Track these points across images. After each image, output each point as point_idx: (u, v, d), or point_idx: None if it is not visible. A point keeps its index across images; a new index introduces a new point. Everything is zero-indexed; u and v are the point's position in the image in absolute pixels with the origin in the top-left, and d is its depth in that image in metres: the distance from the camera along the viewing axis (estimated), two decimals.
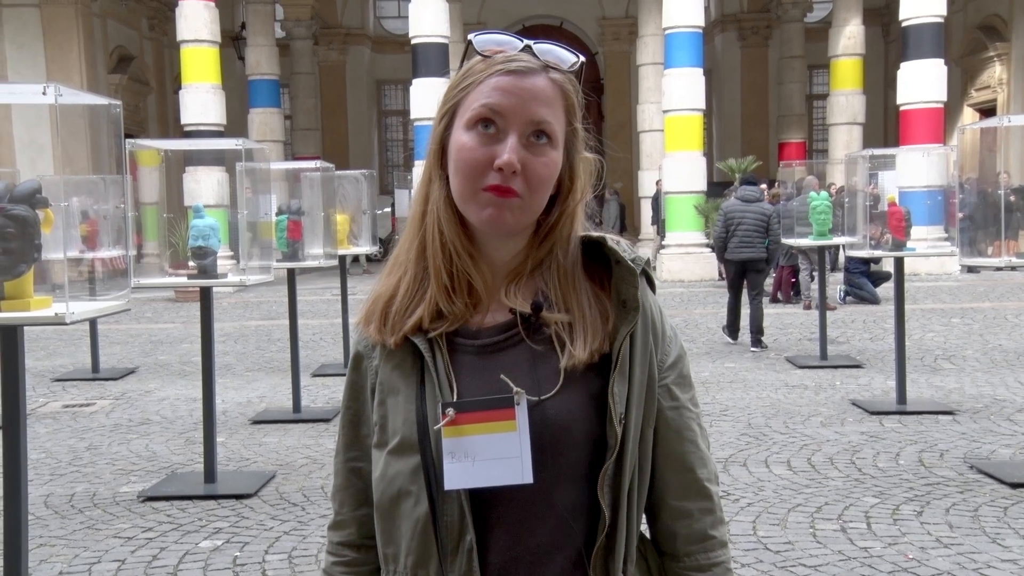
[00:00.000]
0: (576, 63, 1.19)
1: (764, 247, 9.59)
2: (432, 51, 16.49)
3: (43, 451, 6.14)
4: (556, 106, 1.17)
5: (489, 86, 1.15)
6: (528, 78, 1.15)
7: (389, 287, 1.24)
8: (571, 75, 1.20)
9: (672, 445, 1.23)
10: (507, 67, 1.15)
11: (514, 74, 1.15)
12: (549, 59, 1.18)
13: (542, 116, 1.15)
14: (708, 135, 23.22)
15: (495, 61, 1.16)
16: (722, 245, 9.77)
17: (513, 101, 1.14)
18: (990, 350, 9.10)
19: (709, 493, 1.24)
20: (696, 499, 1.23)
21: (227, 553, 4.24)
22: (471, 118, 1.15)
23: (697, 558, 1.23)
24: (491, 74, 1.16)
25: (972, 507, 4.61)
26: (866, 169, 8.95)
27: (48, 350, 10.53)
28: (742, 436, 6.07)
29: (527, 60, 1.17)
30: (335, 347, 10.06)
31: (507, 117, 1.14)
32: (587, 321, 1.18)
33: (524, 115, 1.14)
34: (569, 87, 1.19)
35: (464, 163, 1.15)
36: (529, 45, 1.18)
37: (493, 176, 1.13)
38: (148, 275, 5.97)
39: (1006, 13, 19.94)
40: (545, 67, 1.17)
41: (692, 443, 1.24)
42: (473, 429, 1.12)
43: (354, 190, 9.90)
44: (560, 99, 1.18)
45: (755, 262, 9.60)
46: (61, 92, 3.30)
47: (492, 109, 1.14)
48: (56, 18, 18.40)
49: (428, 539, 1.16)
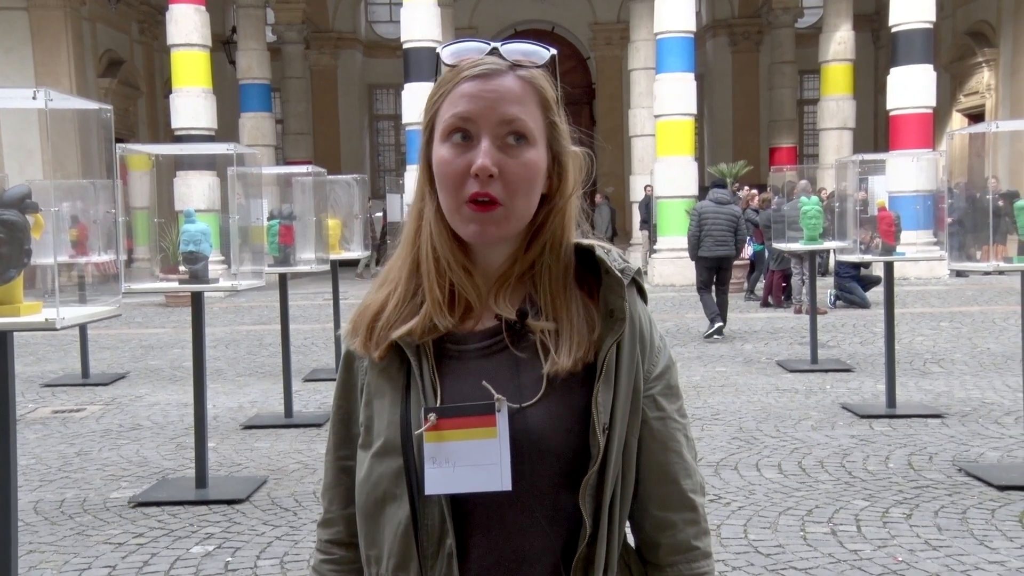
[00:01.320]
0: (547, 56, 1.18)
1: (734, 246, 10.42)
2: (424, 56, 16.50)
3: (33, 457, 6.12)
4: (528, 103, 1.15)
5: (457, 94, 1.14)
6: (493, 80, 1.14)
7: (378, 301, 1.23)
8: (543, 70, 1.18)
9: (657, 456, 1.22)
10: (472, 72, 1.14)
11: (479, 78, 1.14)
12: (516, 57, 1.16)
13: (513, 115, 1.13)
14: (699, 140, 23.28)
15: (461, 68, 1.15)
16: (695, 243, 10.42)
17: (481, 105, 1.13)
18: (978, 354, 9.15)
19: (693, 504, 1.23)
20: (680, 510, 1.23)
21: (219, 559, 4.23)
22: (444, 130, 1.15)
23: (680, 568, 1.22)
24: (458, 82, 1.15)
25: (960, 509, 4.63)
26: (856, 174, 8.99)
27: (38, 355, 10.49)
28: (733, 440, 6.09)
29: (492, 62, 1.15)
30: (327, 352, 10.05)
31: (478, 122, 1.13)
32: (574, 329, 1.17)
33: (494, 117, 1.13)
34: (542, 82, 1.17)
35: (444, 177, 1.15)
36: (496, 47, 1.17)
37: (472, 184, 1.13)
38: (139, 280, 5.95)
39: (994, 19, 20.07)
40: (512, 66, 1.16)
41: (677, 454, 1.23)
42: (454, 435, 1.12)
43: (346, 195, 9.90)
44: (532, 95, 1.16)
45: (727, 259, 10.42)
46: (51, 96, 3.29)
47: (461, 117, 1.13)
48: (45, 21, 18.34)
49: (409, 542, 1.16)
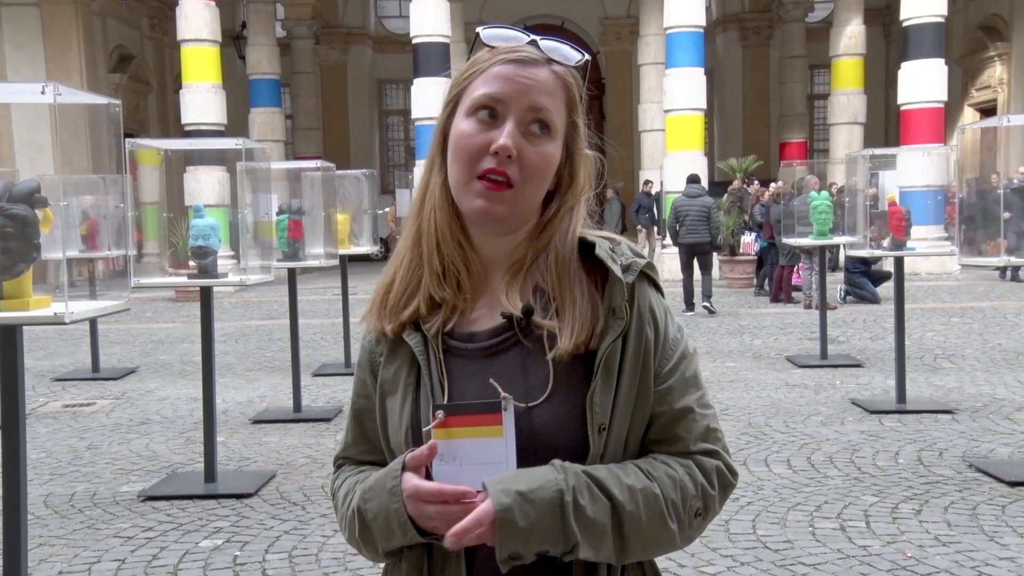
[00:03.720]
0: (581, 59, 1.20)
1: (708, 233, 11.99)
2: (433, 51, 16.50)
3: (43, 451, 6.15)
4: (557, 98, 1.17)
5: (492, 74, 1.16)
6: (530, 68, 1.16)
7: (389, 275, 1.26)
8: (574, 70, 1.19)
9: (676, 449, 1.20)
10: (510, 56, 1.16)
11: (517, 63, 1.16)
12: (553, 55, 1.18)
13: (542, 104, 1.15)
14: (709, 135, 23.21)
15: (500, 51, 1.17)
16: (674, 233, 12.24)
17: (514, 88, 1.14)
18: (989, 349, 9.10)
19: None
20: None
21: (227, 552, 4.24)
22: (472, 105, 1.16)
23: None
24: (494, 63, 1.16)
25: (970, 505, 4.61)
26: (867, 169, 8.95)
27: (48, 350, 10.53)
28: (742, 435, 6.07)
29: (531, 51, 1.17)
30: (336, 347, 10.07)
31: (507, 104, 1.14)
32: (576, 311, 1.17)
33: (524, 102, 1.14)
34: (571, 81, 1.19)
35: (462, 149, 1.15)
36: (535, 40, 1.18)
37: (489, 160, 1.14)
38: (148, 275, 5.97)
39: (1006, 13, 19.94)
40: (549, 60, 1.17)
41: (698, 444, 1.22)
42: (462, 433, 1.12)
43: (355, 190, 9.91)
44: (562, 92, 1.18)
45: (701, 245, 12.02)
46: (60, 91, 3.30)
47: (492, 97, 1.15)
48: (56, 17, 18.40)
49: (419, 542, 1.17)
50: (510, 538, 1.07)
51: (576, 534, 1.08)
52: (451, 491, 1.09)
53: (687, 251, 12.12)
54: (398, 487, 1.12)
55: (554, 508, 1.07)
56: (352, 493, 1.23)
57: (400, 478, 1.13)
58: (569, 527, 1.08)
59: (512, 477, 1.09)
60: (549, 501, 1.07)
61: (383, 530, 1.15)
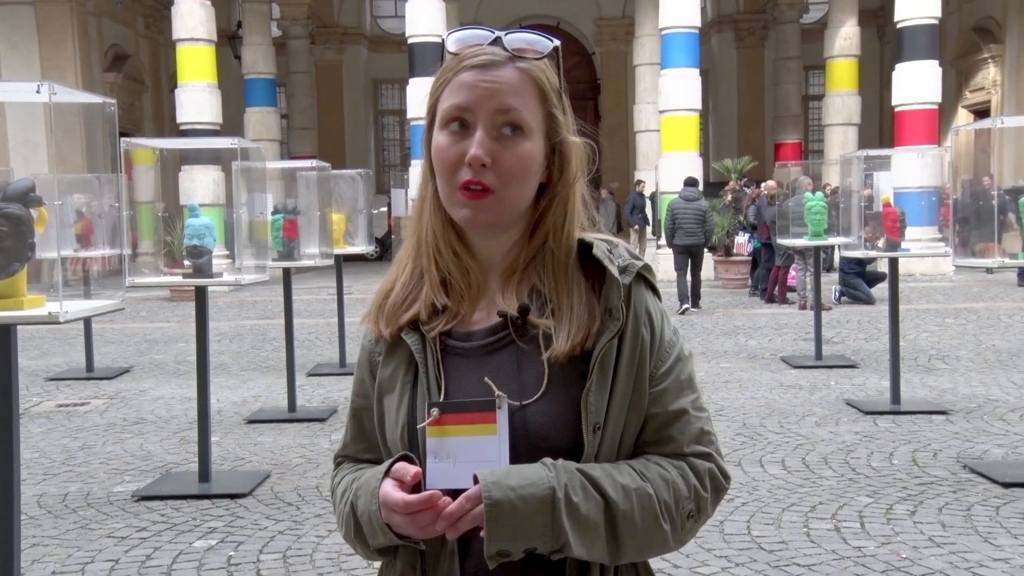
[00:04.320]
0: (548, 47, 1.18)
1: (703, 235, 12.49)
2: (429, 50, 16.48)
3: (36, 450, 6.13)
4: (526, 94, 1.16)
5: (457, 83, 1.16)
6: (492, 71, 1.15)
7: (389, 282, 1.27)
8: (546, 60, 1.18)
9: (670, 449, 1.21)
10: (472, 61, 1.15)
11: (479, 68, 1.15)
12: (519, 46, 1.17)
13: (509, 105, 1.14)
14: (704, 135, 23.22)
15: (463, 57, 1.16)
16: (670, 235, 12.66)
17: (478, 94, 1.14)
18: (983, 350, 9.12)
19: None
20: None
21: (221, 553, 4.23)
22: (443, 118, 1.16)
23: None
24: (458, 71, 1.16)
25: (965, 506, 4.62)
26: (861, 170, 8.95)
27: (42, 349, 10.51)
28: (737, 436, 6.08)
29: (493, 52, 1.16)
30: (331, 347, 10.05)
31: (475, 111, 1.14)
32: (574, 313, 1.17)
33: (490, 107, 1.14)
34: (540, 74, 1.18)
35: (440, 164, 1.16)
36: (499, 36, 1.18)
37: (465, 172, 1.14)
38: (143, 274, 5.96)
39: (1000, 15, 19.99)
40: (512, 57, 1.16)
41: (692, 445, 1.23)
42: (456, 430, 1.12)
43: (350, 189, 9.89)
44: (531, 86, 1.16)
45: (696, 247, 12.51)
46: (55, 90, 3.29)
47: (459, 107, 1.15)
48: (51, 16, 18.35)
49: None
50: (499, 533, 1.07)
51: (567, 532, 1.09)
52: (416, 500, 1.09)
53: (683, 252, 12.54)
54: (378, 489, 1.14)
55: (545, 505, 1.08)
56: (348, 491, 1.24)
57: (380, 482, 1.15)
58: (559, 525, 1.08)
59: (504, 472, 1.09)
60: (540, 498, 1.08)
61: (368, 527, 1.18)
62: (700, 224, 12.42)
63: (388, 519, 1.13)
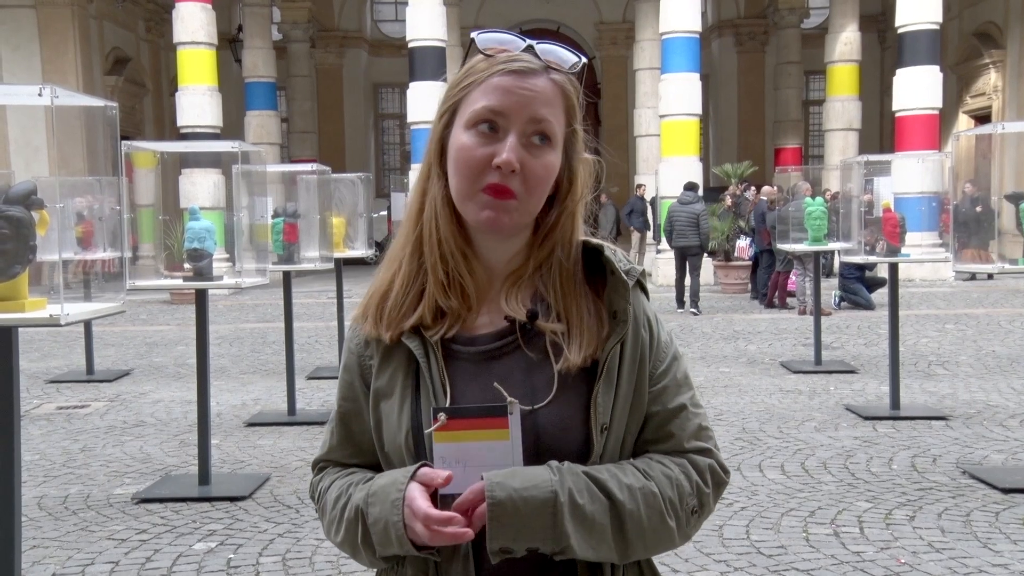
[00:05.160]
0: (578, 64, 1.19)
1: (697, 238, 12.84)
2: (429, 54, 16.51)
3: (37, 453, 6.13)
4: (556, 107, 1.17)
5: (490, 86, 1.15)
6: (529, 79, 1.15)
7: (384, 282, 1.25)
8: (572, 76, 1.19)
9: (670, 446, 1.23)
10: (509, 67, 1.15)
11: (516, 74, 1.15)
12: (551, 59, 1.17)
13: (543, 116, 1.15)
14: (704, 140, 23.26)
15: (497, 60, 1.16)
16: (668, 236, 13.35)
17: (514, 101, 1.14)
18: (983, 356, 9.13)
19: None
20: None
21: (221, 555, 4.23)
22: (471, 118, 1.15)
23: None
24: (492, 74, 1.15)
25: (964, 512, 4.62)
26: (861, 175, 8.96)
27: (43, 352, 10.51)
28: (736, 440, 6.08)
29: (529, 60, 1.16)
30: (330, 350, 10.05)
31: (508, 117, 1.14)
32: (584, 325, 1.18)
33: (525, 115, 1.14)
34: (570, 88, 1.19)
35: (463, 163, 1.15)
36: (531, 45, 1.18)
37: (492, 175, 1.13)
38: (143, 277, 5.96)
39: (1001, 20, 20.01)
40: (546, 68, 1.17)
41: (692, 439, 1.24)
42: (466, 436, 1.12)
43: (350, 193, 9.90)
44: (560, 100, 1.17)
45: (691, 248, 12.95)
46: (57, 94, 3.29)
47: (493, 110, 1.14)
48: (52, 20, 18.38)
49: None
50: (501, 532, 1.08)
51: (569, 536, 1.10)
52: (437, 516, 1.09)
53: (678, 254, 13.20)
54: (400, 500, 1.12)
55: (546, 508, 1.08)
56: (346, 495, 1.23)
57: (404, 490, 1.13)
58: (560, 528, 1.09)
59: (509, 473, 1.10)
60: (542, 501, 1.08)
61: (381, 537, 1.16)
62: (694, 227, 12.80)
63: (409, 523, 1.12)
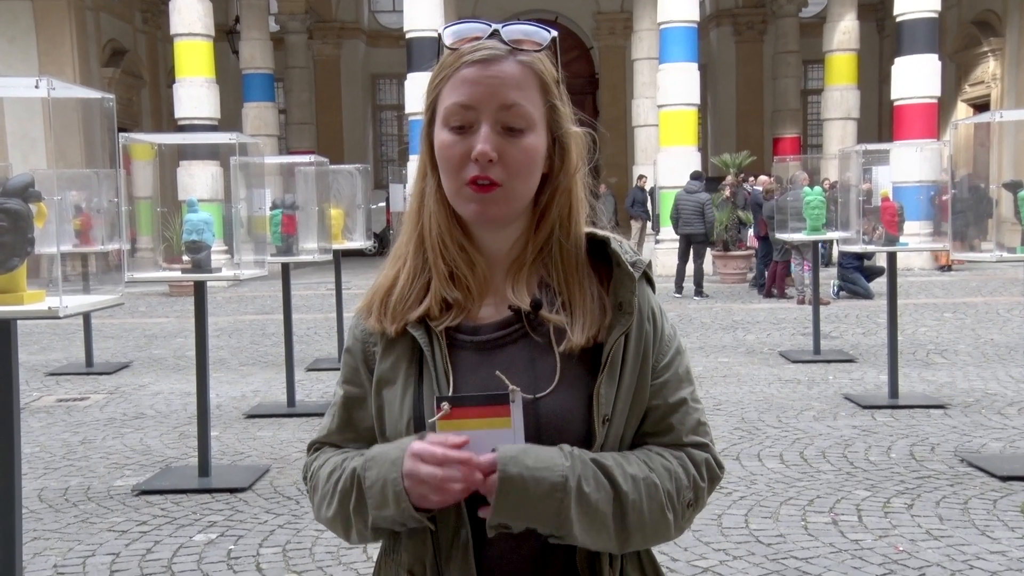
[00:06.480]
0: (547, 39, 1.18)
1: (702, 225, 13.46)
2: (427, 45, 16.44)
3: (37, 445, 6.14)
4: (529, 88, 1.16)
5: (458, 80, 1.15)
6: (494, 65, 1.15)
7: (389, 278, 1.25)
8: (544, 51, 1.19)
9: (669, 439, 1.23)
10: (473, 57, 1.15)
11: (480, 63, 1.15)
12: (517, 38, 1.17)
13: (513, 100, 1.14)
14: (703, 130, 23.22)
15: (462, 52, 1.16)
16: (675, 224, 13.86)
17: (481, 91, 1.14)
18: (982, 344, 9.14)
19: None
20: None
21: (221, 546, 4.25)
22: (445, 115, 1.16)
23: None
24: (458, 67, 1.15)
25: (962, 500, 4.64)
26: (860, 164, 8.96)
27: (42, 344, 10.51)
28: (735, 430, 6.09)
29: (492, 47, 1.16)
30: (329, 341, 10.06)
31: (478, 108, 1.14)
32: (586, 307, 1.19)
33: (494, 103, 1.14)
34: (540, 66, 1.18)
35: (445, 160, 1.16)
36: (496, 29, 1.17)
37: (472, 168, 1.14)
38: (142, 269, 5.96)
39: (1000, 8, 19.97)
40: (512, 50, 1.16)
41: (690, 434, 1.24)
42: (468, 424, 1.12)
43: (348, 184, 9.89)
44: (532, 79, 1.16)
45: (695, 236, 13.56)
46: (54, 86, 3.29)
47: (462, 104, 1.14)
48: (48, 11, 18.32)
49: (424, 533, 1.17)
50: (505, 507, 1.08)
51: (572, 521, 1.10)
52: (455, 457, 1.08)
53: (684, 241, 13.74)
54: (400, 458, 1.12)
55: (555, 491, 1.09)
56: (341, 468, 1.22)
57: (407, 450, 1.12)
58: (566, 514, 1.09)
59: (522, 450, 1.10)
60: (552, 484, 1.09)
61: (378, 498, 1.14)
62: (699, 215, 13.40)
63: (412, 469, 1.09)
